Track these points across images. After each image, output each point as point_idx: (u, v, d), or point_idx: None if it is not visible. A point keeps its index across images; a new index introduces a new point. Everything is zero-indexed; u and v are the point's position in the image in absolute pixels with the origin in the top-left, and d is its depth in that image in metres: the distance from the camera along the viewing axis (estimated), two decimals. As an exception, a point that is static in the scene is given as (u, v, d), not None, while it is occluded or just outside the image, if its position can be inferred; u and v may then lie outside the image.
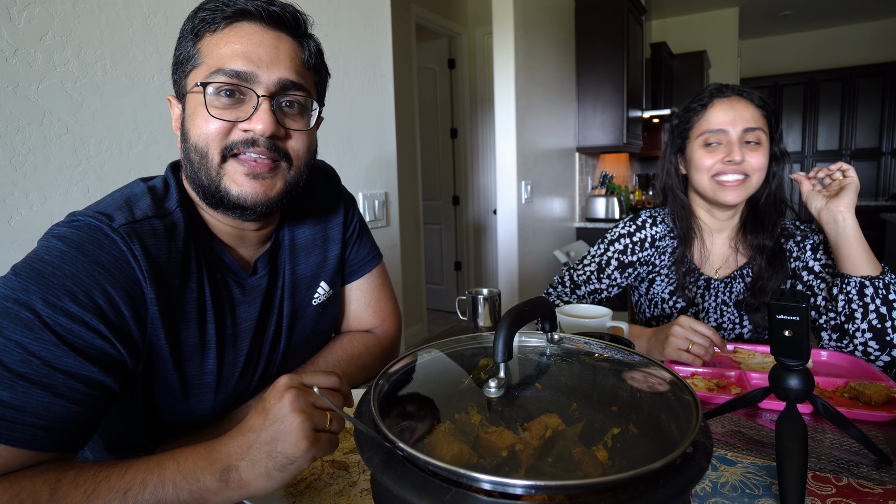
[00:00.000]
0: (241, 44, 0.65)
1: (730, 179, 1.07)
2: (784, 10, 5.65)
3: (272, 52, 0.66)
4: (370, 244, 0.97)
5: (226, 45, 0.65)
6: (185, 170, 0.70)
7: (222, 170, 0.66)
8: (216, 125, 0.65)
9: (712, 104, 1.10)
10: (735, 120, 1.06)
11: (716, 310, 1.18)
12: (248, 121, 0.65)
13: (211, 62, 0.65)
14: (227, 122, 0.65)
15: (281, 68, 0.67)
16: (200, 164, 0.67)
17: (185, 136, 0.68)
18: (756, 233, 1.13)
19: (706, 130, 1.09)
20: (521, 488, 0.34)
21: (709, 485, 0.60)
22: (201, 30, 0.66)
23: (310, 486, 0.62)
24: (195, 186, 0.69)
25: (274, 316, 0.80)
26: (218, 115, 0.65)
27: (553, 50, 3.45)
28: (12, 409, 0.51)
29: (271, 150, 0.67)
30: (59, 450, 0.54)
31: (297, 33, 0.70)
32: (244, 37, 0.65)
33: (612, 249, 1.25)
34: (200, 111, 0.65)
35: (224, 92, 0.65)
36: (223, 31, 0.66)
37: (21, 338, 0.52)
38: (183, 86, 0.68)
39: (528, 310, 0.50)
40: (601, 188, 4.20)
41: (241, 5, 0.66)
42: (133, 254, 0.60)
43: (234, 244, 0.75)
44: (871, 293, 0.93)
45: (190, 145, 0.67)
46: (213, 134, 0.65)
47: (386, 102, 1.91)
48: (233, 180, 0.67)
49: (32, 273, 0.55)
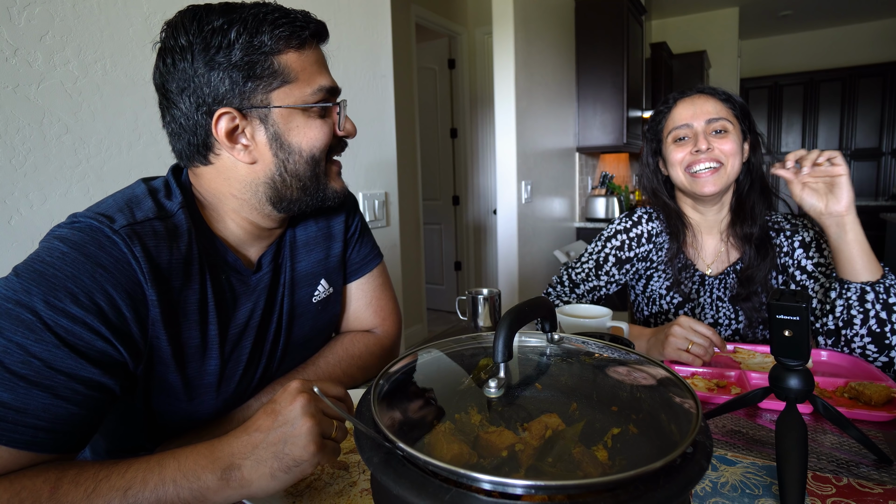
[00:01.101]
0: (320, 60, 0.73)
1: (702, 169, 1.10)
2: (784, 10, 5.65)
3: (325, 63, 0.74)
4: (371, 244, 0.97)
5: (314, 63, 0.71)
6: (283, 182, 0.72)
7: (327, 172, 0.75)
8: (326, 137, 0.72)
9: (676, 104, 1.16)
10: (697, 113, 1.11)
11: (711, 306, 1.18)
12: (342, 129, 0.75)
13: (308, 79, 0.69)
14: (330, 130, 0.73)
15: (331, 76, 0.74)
16: (312, 172, 0.73)
17: (289, 149, 0.70)
18: (743, 223, 1.14)
19: (673, 127, 1.14)
20: (521, 488, 0.34)
21: (709, 485, 0.60)
22: (280, 48, 0.67)
23: (310, 486, 0.62)
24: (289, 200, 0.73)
25: (275, 314, 0.80)
26: (323, 126, 0.72)
27: (553, 50, 3.45)
28: (13, 410, 0.51)
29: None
30: (60, 451, 0.54)
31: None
32: (318, 55, 0.73)
33: (610, 246, 1.26)
34: (305, 123, 0.70)
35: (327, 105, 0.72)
36: (306, 49, 0.70)
37: (22, 339, 0.52)
38: (263, 100, 0.67)
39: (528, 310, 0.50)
40: (601, 188, 4.20)
41: (313, 26, 0.70)
42: (134, 255, 0.60)
43: (245, 243, 0.77)
44: (871, 299, 0.92)
45: (302, 158, 0.71)
46: (323, 145, 0.72)
47: (386, 102, 1.91)
48: (334, 181, 0.77)
49: (34, 274, 0.55)
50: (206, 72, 0.64)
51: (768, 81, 6.43)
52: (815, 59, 6.36)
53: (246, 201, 0.72)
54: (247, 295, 0.75)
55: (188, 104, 0.66)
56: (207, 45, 0.63)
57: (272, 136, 0.69)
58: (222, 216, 0.74)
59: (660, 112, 1.19)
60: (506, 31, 2.88)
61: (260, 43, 0.65)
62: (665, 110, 1.18)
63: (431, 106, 4.27)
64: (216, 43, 0.63)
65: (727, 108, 1.12)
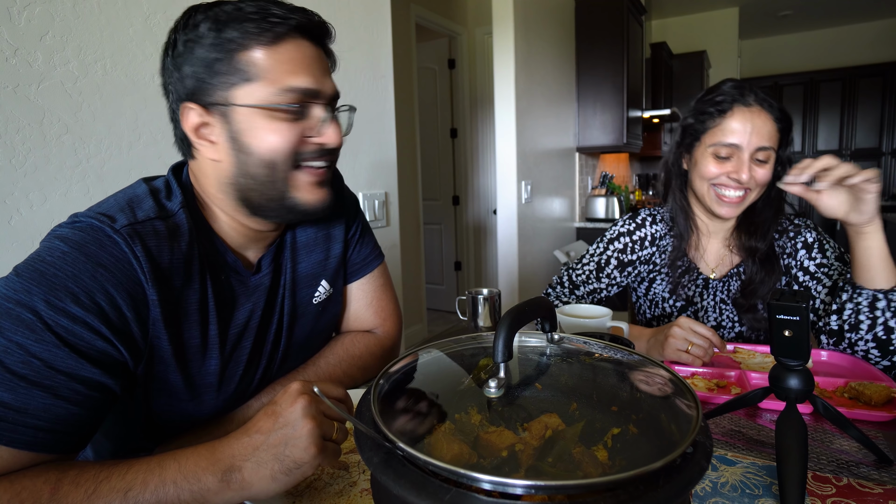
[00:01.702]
0: (302, 60, 0.66)
1: (730, 196, 1.05)
2: (784, 10, 5.65)
3: (322, 66, 0.69)
4: (372, 244, 0.97)
5: (288, 62, 0.65)
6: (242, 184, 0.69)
7: (291, 181, 0.69)
8: (289, 141, 0.67)
9: (731, 112, 1.04)
10: (751, 137, 1.02)
11: (714, 308, 1.18)
12: (320, 136, 0.69)
13: (274, 77, 0.64)
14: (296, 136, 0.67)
15: (330, 81, 0.70)
16: (269, 177, 0.68)
17: (246, 149, 0.67)
18: (749, 235, 1.11)
19: (720, 142, 1.04)
20: (521, 488, 0.34)
21: (709, 485, 0.60)
22: (247, 42, 0.63)
23: (310, 486, 0.62)
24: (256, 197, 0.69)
25: (276, 314, 0.80)
26: (288, 130, 0.66)
27: (553, 50, 3.45)
28: (13, 410, 0.51)
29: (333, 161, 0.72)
30: (60, 451, 0.54)
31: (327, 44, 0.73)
32: (300, 51, 0.66)
33: (612, 248, 1.25)
34: (266, 125, 0.65)
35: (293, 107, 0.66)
36: (279, 45, 0.65)
37: (23, 339, 0.52)
38: (223, 97, 0.65)
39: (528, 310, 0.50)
40: (601, 188, 4.20)
41: (293, 21, 0.65)
42: (135, 255, 0.60)
43: (242, 245, 0.76)
44: (882, 306, 0.90)
45: (256, 160, 0.67)
46: (286, 149, 0.67)
47: (386, 103, 1.91)
48: (302, 190, 0.70)
49: (34, 274, 0.55)
50: (180, 66, 0.65)
51: (768, 81, 6.44)
52: (815, 59, 6.36)
53: (224, 201, 0.71)
54: (246, 296, 0.75)
55: (170, 97, 0.69)
56: (184, 40, 0.65)
57: (231, 135, 0.66)
58: (217, 215, 0.73)
59: (708, 113, 1.07)
60: (506, 31, 2.87)
61: (226, 38, 0.63)
62: (715, 113, 1.05)
63: (431, 106, 4.27)
64: (191, 37, 0.64)
65: (778, 128, 1.04)
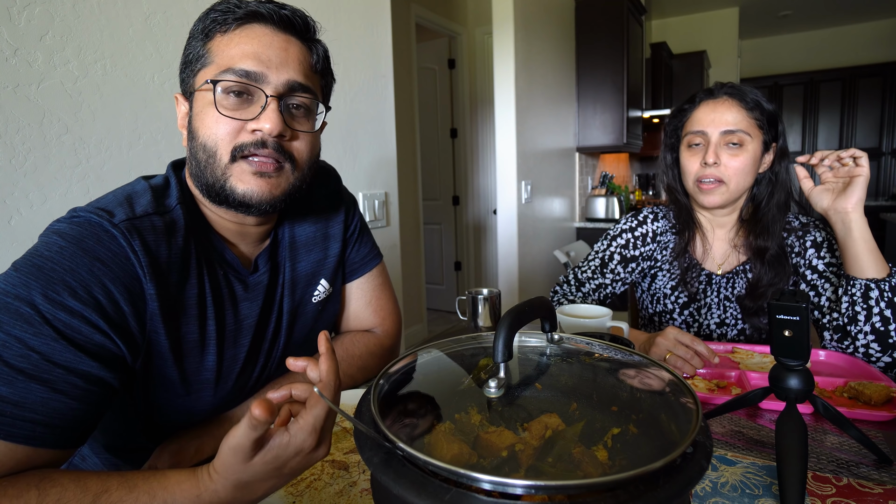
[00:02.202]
0: (252, 45, 0.66)
1: (706, 183, 1.09)
2: (784, 10, 5.65)
3: (281, 54, 0.68)
4: (371, 244, 0.97)
5: (236, 46, 0.66)
6: (191, 167, 0.71)
7: (229, 169, 0.67)
8: (226, 125, 0.66)
9: (699, 105, 1.11)
10: (715, 121, 1.07)
11: (718, 305, 1.18)
12: (255, 120, 0.66)
13: (221, 62, 0.66)
14: (236, 121, 0.66)
15: (290, 70, 0.68)
16: (208, 162, 0.67)
17: (193, 134, 0.68)
18: (757, 234, 1.11)
19: (689, 131, 1.12)
20: (521, 488, 0.34)
21: (709, 485, 0.60)
22: (212, 30, 0.67)
23: (310, 486, 0.62)
24: (200, 183, 0.69)
25: (274, 313, 0.80)
26: (227, 114, 0.65)
27: (553, 50, 3.45)
28: (11, 404, 0.51)
29: (277, 152, 0.68)
30: (58, 446, 0.54)
31: (306, 37, 0.72)
32: (255, 38, 0.67)
33: (615, 245, 1.26)
34: (209, 110, 0.66)
35: (233, 91, 0.65)
36: (234, 31, 0.67)
37: (21, 333, 0.52)
38: (191, 84, 0.69)
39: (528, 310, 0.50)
40: (601, 188, 4.20)
41: (252, 7, 0.67)
42: (133, 250, 0.60)
43: (234, 241, 0.76)
44: (875, 296, 0.92)
45: (198, 144, 0.67)
46: (223, 134, 0.66)
47: (386, 102, 1.91)
48: (239, 179, 0.67)
49: (32, 269, 0.55)
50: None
51: (768, 81, 6.44)
52: (815, 59, 6.36)
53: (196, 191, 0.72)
54: (245, 294, 0.75)
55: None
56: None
57: (190, 121, 0.69)
58: (207, 211, 0.74)
59: (683, 110, 1.16)
60: (506, 31, 2.87)
61: (198, 29, 0.68)
62: (688, 109, 1.14)
63: (431, 106, 4.27)
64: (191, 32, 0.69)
65: (752, 116, 1.07)
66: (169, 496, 0.50)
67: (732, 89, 1.09)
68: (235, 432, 0.48)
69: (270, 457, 0.49)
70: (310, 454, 0.51)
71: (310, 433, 0.49)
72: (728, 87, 1.09)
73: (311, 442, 0.50)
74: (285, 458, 0.50)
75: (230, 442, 0.48)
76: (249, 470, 0.49)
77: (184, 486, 0.51)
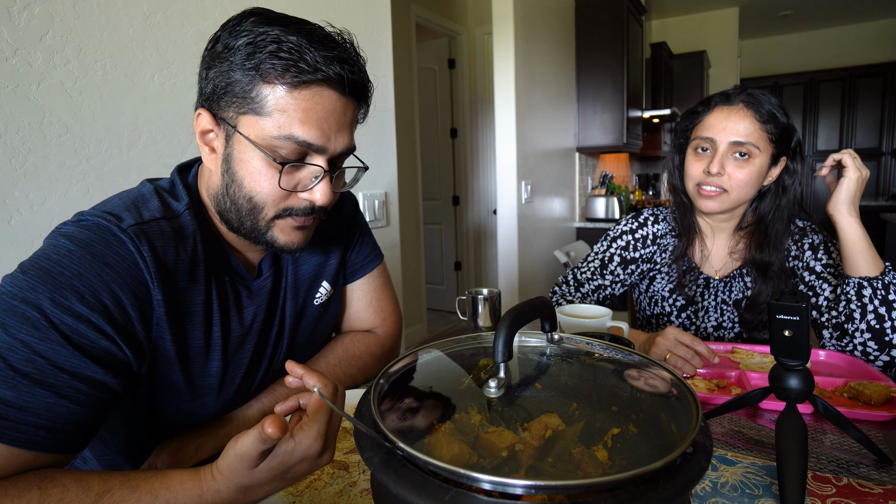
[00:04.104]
0: (318, 112, 0.62)
1: (707, 189, 1.08)
2: (784, 10, 5.65)
3: (341, 121, 0.65)
4: (372, 244, 0.97)
5: (303, 111, 0.61)
6: (222, 201, 0.68)
7: (274, 224, 0.68)
8: (276, 191, 0.65)
9: (713, 110, 1.08)
10: (726, 130, 1.04)
11: (716, 309, 1.18)
12: (309, 191, 0.66)
13: (282, 121, 0.61)
14: (288, 189, 0.65)
15: (345, 137, 0.66)
16: (251, 212, 0.66)
17: (234, 176, 0.65)
18: (761, 249, 1.10)
19: (698, 136, 1.09)
20: (521, 488, 0.34)
21: (709, 485, 0.60)
22: (269, 74, 0.60)
23: (310, 486, 0.62)
24: (234, 223, 0.69)
25: (277, 317, 0.80)
26: (284, 182, 0.64)
27: (553, 50, 3.45)
28: (15, 408, 0.50)
29: (320, 215, 0.70)
30: (61, 451, 0.54)
31: (364, 99, 0.69)
32: (321, 104, 0.62)
33: (615, 246, 1.26)
34: (258, 165, 0.63)
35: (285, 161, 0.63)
36: (301, 91, 0.61)
37: (27, 337, 0.52)
38: (232, 118, 0.64)
39: (528, 310, 0.50)
40: (601, 188, 4.20)
41: (327, 73, 0.61)
42: (142, 255, 0.60)
43: (239, 247, 0.76)
44: (869, 294, 0.93)
45: (241, 192, 0.66)
46: (275, 196, 0.65)
47: (386, 103, 1.91)
48: (282, 231, 0.69)
49: (40, 272, 0.55)
50: (209, 66, 0.64)
51: (768, 81, 6.44)
52: (815, 59, 6.36)
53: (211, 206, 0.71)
54: (249, 299, 0.75)
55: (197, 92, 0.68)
56: (224, 44, 0.62)
57: (227, 155, 0.66)
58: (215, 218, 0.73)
59: (697, 112, 1.13)
60: (506, 31, 2.87)
61: (253, 64, 0.60)
62: (702, 112, 1.11)
63: (431, 106, 4.27)
64: (228, 44, 0.62)
65: (764, 129, 1.04)
66: (171, 496, 0.50)
67: (750, 98, 1.05)
68: (244, 441, 0.48)
69: (276, 463, 0.50)
70: (315, 460, 0.51)
71: (315, 439, 0.50)
72: (745, 95, 1.06)
73: (316, 448, 0.50)
74: (290, 464, 0.50)
75: (237, 450, 0.48)
76: (254, 476, 0.49)
77: (186, 485, 0.51)
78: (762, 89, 1.08)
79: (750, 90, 1.07)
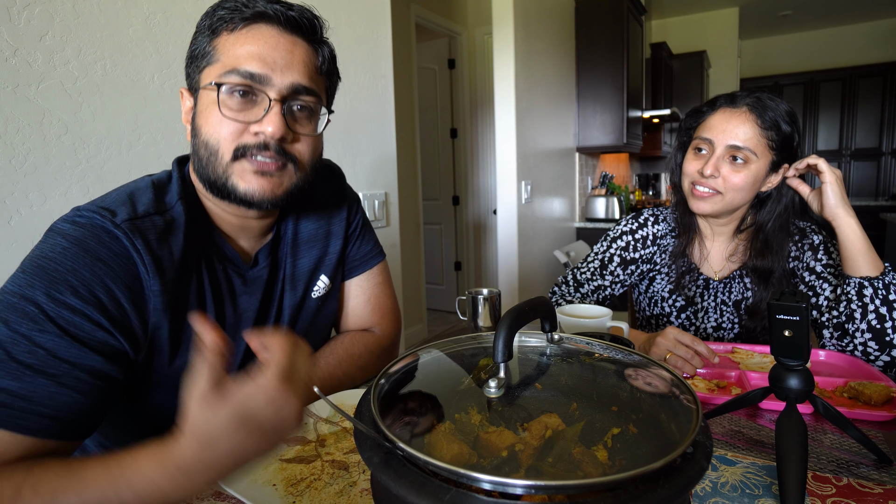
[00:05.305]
0: (258, 45, 0.66)
1: (700, 190, 1.08)
2: (784, 10, 5.65)
3: (287, 56, 0.68)
4: (373, 242, 0.98)
5: (242, 46, 0.66)
6: (194, 163, 0.71)
7: (231, 168, 0.68)
8: (229, 126, 0.66)
9: (716, 111, 1.07)
10: (725, 133, 1.03)
11: (715, 309, 1.18)
12: (259, 122, 0.66)
13: (226, 61, 0.66)
14: (239, 122, 0.66)
15: (294, 73, 0.68)
16: (209, 160, 0.68)
17: (196, 130, 0.69)
18: (763, 256, 1.10)
19: (699, 136, 1.09)
20: (521, 488, 0.34)
21: (709, 485, 0.60)
22: (219, 27, 0.67)
23: (310, 486, 0.62)
24: (203, 179, 0.70)
25: (274, 308, 0.81)
26: (231, 115, 0.66)
27: (553, 50, 3.45)
28: (19, 398, 0.53)
29: (279, 154, 0.69)
30: (63, 438, 0.56)
31: (313, 38, 0.72)
32: (261, 39, 0.67)
33: (615, 246, 1.26)
34: (213, 109, 0.66)
35: (238, 92, 0.66)
36: (241, 31, 0.67)
37: (27, 331, 0.55)
38: (196, 80, 0.69)
39: (528, 310, 0.50)
40: (601, 188, 4.20)
41: (260, 8, 0.67)
42: (136, 249, 0.62)
43: (235, 235, 0.77)
44: (869, 294, 0.93)
45: (200, 141, 0.68)
46: (226, 134, 0.67)
47: (386, 102, 1.91)
48: (241, 178, 0.68)
49: (37, 269, 0.58)
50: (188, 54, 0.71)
51: (768, 81, 6.44)
52: (815, 59, 6.36)
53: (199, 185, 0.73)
54: (244, 288, 0.76)
55: None
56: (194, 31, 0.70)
57: (193, 115, 0.70)
58: (209, 205, 0.75)
59: (701, 111, 1.12)
60: (506, 31, 2.87)
61: (205, 25, 0.68)
62: (706, 112, 1.10)
63: (431, 106, 4.27)
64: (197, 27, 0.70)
65: (765, 135, 1.02)
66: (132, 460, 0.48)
67: (756, 102, 1.04)
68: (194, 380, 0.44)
69: (235, 403, 0.44)
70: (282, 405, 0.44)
71: (275, 376, 0.44)
72: (751, 99, 1.04)
73: (279, 389, 0.44)
74: (254, 408, 0.44)
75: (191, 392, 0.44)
76: (214, 420, 0.43)
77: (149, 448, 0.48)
78: (763, 90, 1.08)
79: (759, 94, 1.06)
